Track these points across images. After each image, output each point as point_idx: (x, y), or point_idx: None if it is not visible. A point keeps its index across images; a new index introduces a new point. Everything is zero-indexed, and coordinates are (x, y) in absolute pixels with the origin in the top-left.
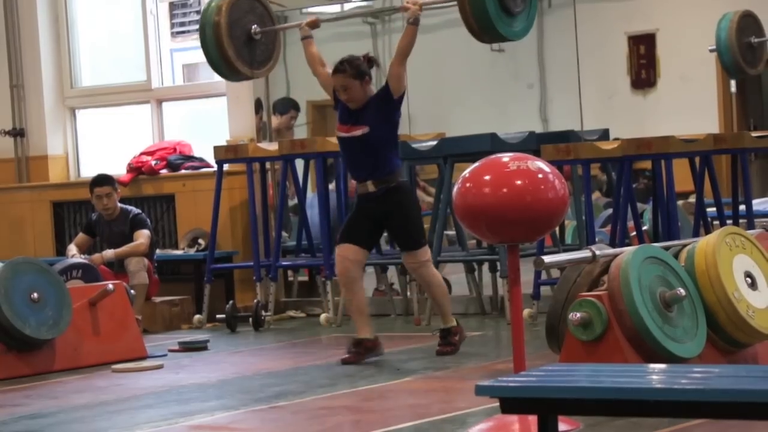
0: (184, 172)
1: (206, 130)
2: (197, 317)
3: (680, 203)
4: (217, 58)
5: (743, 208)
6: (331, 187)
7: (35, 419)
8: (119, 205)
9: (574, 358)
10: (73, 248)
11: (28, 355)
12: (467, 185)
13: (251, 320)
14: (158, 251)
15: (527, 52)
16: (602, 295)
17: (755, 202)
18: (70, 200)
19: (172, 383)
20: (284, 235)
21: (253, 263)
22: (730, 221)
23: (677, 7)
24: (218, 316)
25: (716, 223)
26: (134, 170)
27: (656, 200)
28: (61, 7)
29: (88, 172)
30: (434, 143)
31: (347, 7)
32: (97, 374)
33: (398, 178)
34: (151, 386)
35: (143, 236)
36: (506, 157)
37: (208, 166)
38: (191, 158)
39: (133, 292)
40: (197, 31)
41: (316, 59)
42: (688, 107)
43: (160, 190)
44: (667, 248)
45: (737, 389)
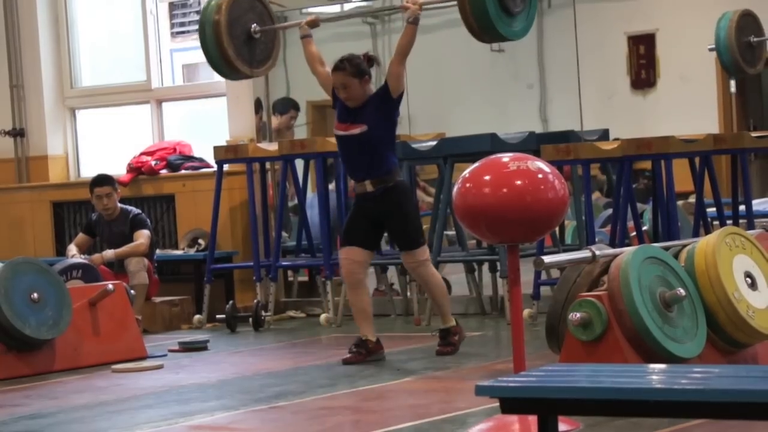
0: (184, 172)
1: (206, 130)
2: (197, 317)
3: (680, 203)
4: (216, 56)
5: (743, 208)
6: (331, 187)
7: (35, 419)
8: (119, 205)
9: (574, 358)
10: (73, 248)
11: (28, 355)
12: (467, 185)
13: (251, 320)
14: (158, 251)
15: (527, 52)
16: (602, 295)
17: (755, 202)
18: (70, 200)
19: (172, 383)
20: (284, 235)
21: (253, 263)
22: (730, 221)
23: (677, 7)
24: (218, 316)
25: (716, 223)
26: (134, 170)
27: (656, 200)
28: (61, 7)
29: (88, 172)
30: (434, 143)
31: (347, 7)
32: (97, 374)
33: (396, 177)
34: (151, 386)
35: (143, 236)
36: (506, 157)
37: (208, 166)
38: (191, 158)
39: (133, 292)
40: (197, 31)
41: (315, 58)
42: (687, 107)
43: (160, 190)
44: (667, 248)
45: (737, 389)
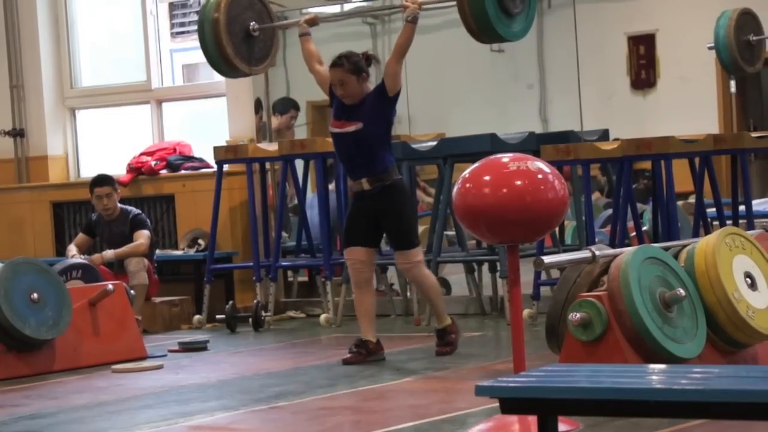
0: (183, 172)
1: (206, 130)
2: (197, 317)
3: (680, 204)
4: (215, 54)
5: (743, 208)
6: (330, 187)
7: (35, 419)
8: (119, 205)
9: (573, 358)
10: (72, 248)
11: (28, 355)
12: (467, 185)
13: (251, 320)
14: (158, 251)
15: (527, 52)
16: (602, 295)
17: (755, 202)
18: (70, 200)
19: (171, 383)
20: (284, 235)
21: (252, 263)
22: (729, 222)
23: (677, 7)
24: (218, 316)
25: (716, 223)
26: (134, 170)
27: (656, 201)
28: (61, 7)
29: (88, 172)
30: (434, 143)
31: (347, 7)
32: (96, 374)
33: (393, 176)
34: (150, 386)
35: (143, 236)
36: (506, 157)
37: (207, 166)
38: (191, 158)
39: (132, 292)
40: (197, 31)
41: (313, 56)
42: (687, 108)
43: (159, 190)
44: (666, 249)
45: (737, 389)
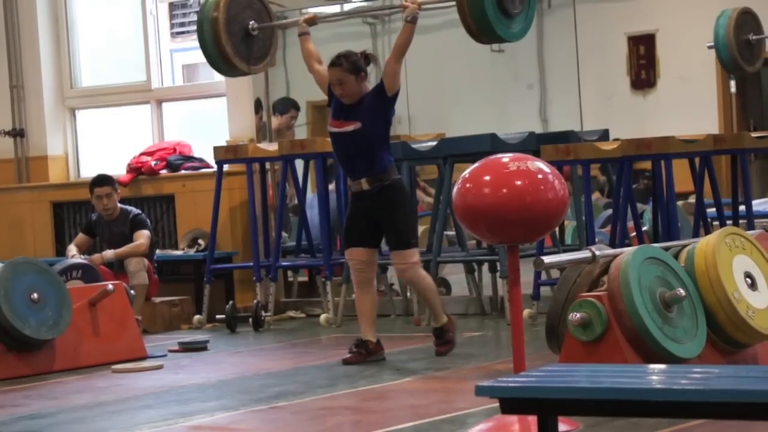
0: (183, 172)
1: (206, 130)
2: (197, 317)
3: (680, 204)
4: (214, 53)
5: (743, 208)
6: (330, 187)
7: (35, 419)
8: (119, 205)
9: (573, 358)
10: (72, 248)
11: (28, 355)
12: (467, 186)
13: (251, 321)
14: (158, 251)
15: (527, 52)
16: (602, 295)
17: (755, 202)
18: (70, 200)
19: (171, 384)
20: (284, 235)
21: (252, 264)
22: (729, 222)
23: (677, 7)
24: (218, 316)
25: (716, 223)
26: (134, 170)
27: (656, 201)
28: (61, 7)
29: (88, 172)
30: (434, 143)
31: (347, 7)
32: (96, 374)
33: (392, 175)
34: (150, 386)
35: (143, 236)
36: (506, 157)
37: (207, 166)
38: (191, 158)
39: (132, 292)
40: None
41: (312, 56)
42: (687, 108)
43: (159, 190)
44: (666, 249)
45: (737, 390)
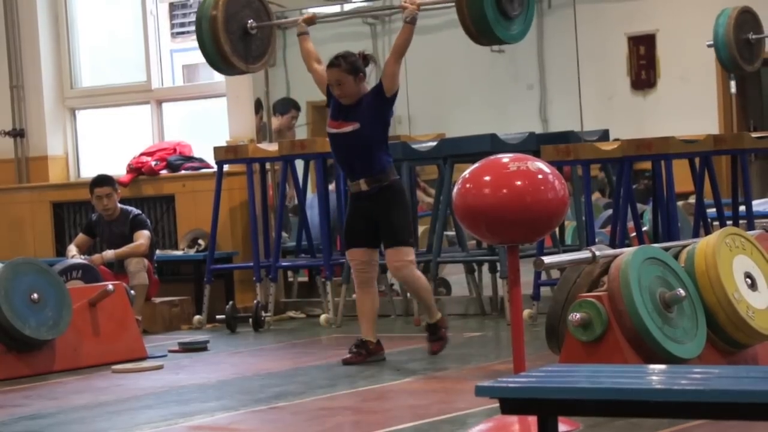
0: (184, 172)
1: (206, 130)
2: (197, 318)
3: (680, 204)
4: (213, 52)
5: (743, 208)
6: (330, 187)
7: (35, 420)
8: (119, 205)
9: (574, 358)
10: (73, 249)
11: (28, 355)
12: (467, 186)
13: (251, 321)
14: (158, 252)
15: (527, 53)
16: (602, 295)
17: (755, 202)
18: (70, 201)
19: (171, 384)
20: (284, 235)
21: (252, 264)
22: (730, 222)
23: (677, 7)
24: (218, 316)
25: (716, 223)
26: (134, 171)
27: (656, 201)
28: (61, 7)
29: (88, 172)
30: (434, 144)
31: (347, 7)
32: (96, 375)
33: (391, 176)
34: (150, 387)
35: (143, 237)
36: (506, 157)
37: (208, 166)
38: (191, 159)
39: (132, 292)
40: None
41: (311, 56)
42: (687, 108)
43: (160, 190)
44: (666, 249)
45: (737, 390)
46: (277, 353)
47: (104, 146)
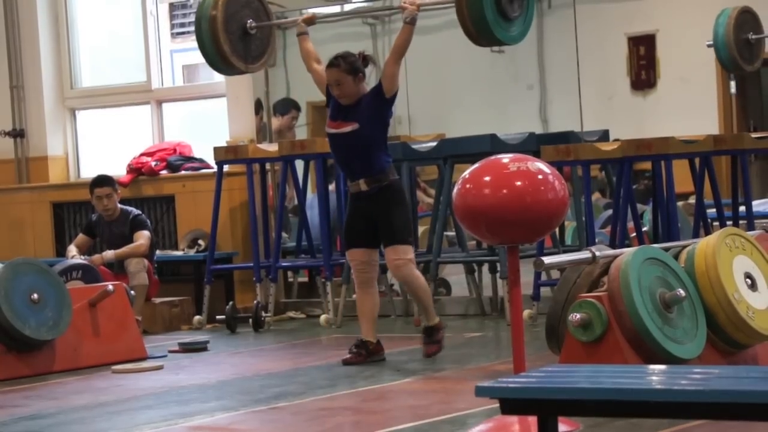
0: (184, 173)
1: (206, 131)
2: (197, 318)
3: (680, 204)
4: (212, 52)
5: (743, 209)
6: (330, 188)
7: (35, 420)
8: (119, 206)
9: (574, 359)
10: (73, 249)
11: (27, 355)
12: (467, 186)
13: (251, 321)
14: (158, 252)
15: (527, 53)
16: (602, 296)
17: (755, 203)
18: (70, 201)
19: (172, 384)
20: (284, 236)
21: (252, 264)
22: (730, 222)
23: (677, 7)
24: (218, 317)
25: (716, 224)
26: (134, 171)
27: (656, 201)
28: (61, 7)
29: (88, 173)
30: (434, 144)
31: (347, 7)
32: (96, 375)
33: (390, 176)
34: (150, 387)
35: (143, 237)
36: (506, 158)
37: (208, 167)
38: (191, 159)
39: (132, 292)
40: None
41: (311, 56)
42: (687, 108)
43: (160, 191)
44: (666, 249)
45: (737, 390)
46: (277, 353)
47: (104, 146)
